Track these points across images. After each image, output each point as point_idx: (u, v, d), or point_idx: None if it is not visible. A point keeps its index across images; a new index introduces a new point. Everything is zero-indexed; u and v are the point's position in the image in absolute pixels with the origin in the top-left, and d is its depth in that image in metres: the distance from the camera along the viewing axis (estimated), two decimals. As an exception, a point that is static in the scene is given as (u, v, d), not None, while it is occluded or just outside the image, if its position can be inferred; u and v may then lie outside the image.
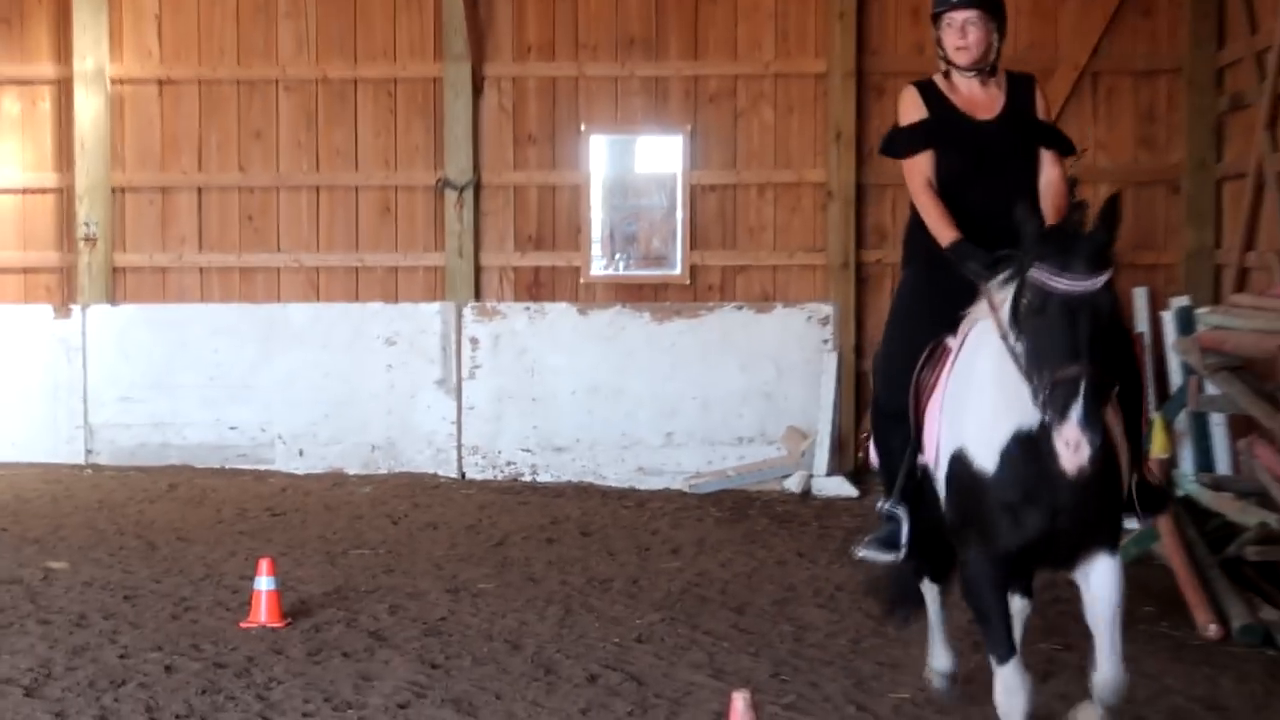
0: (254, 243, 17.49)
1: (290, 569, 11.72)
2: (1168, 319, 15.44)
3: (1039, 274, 6.46)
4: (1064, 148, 7.96)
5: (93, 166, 17.31)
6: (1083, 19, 16.64)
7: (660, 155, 17.31)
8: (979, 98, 7.88)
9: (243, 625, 10.36)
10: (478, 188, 17.20)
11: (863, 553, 7.97)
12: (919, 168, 7.80)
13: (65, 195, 17.52)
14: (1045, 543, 6.89)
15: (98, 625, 10.40)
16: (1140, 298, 16.16)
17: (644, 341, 16.83)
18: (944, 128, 7.80)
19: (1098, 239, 6.50)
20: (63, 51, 17.44)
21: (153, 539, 13.40)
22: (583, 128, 17.19)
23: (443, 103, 17.19)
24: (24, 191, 17.64)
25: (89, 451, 17.15)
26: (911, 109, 7.92)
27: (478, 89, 17.15)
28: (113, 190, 17.44)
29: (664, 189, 17.29)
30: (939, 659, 8.51)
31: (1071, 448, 6.27)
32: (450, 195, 17.13)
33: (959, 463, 7.04)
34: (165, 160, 17.54)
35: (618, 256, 17.34)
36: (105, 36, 17.32)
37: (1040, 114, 7.98)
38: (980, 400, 6.95)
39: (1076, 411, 6.26)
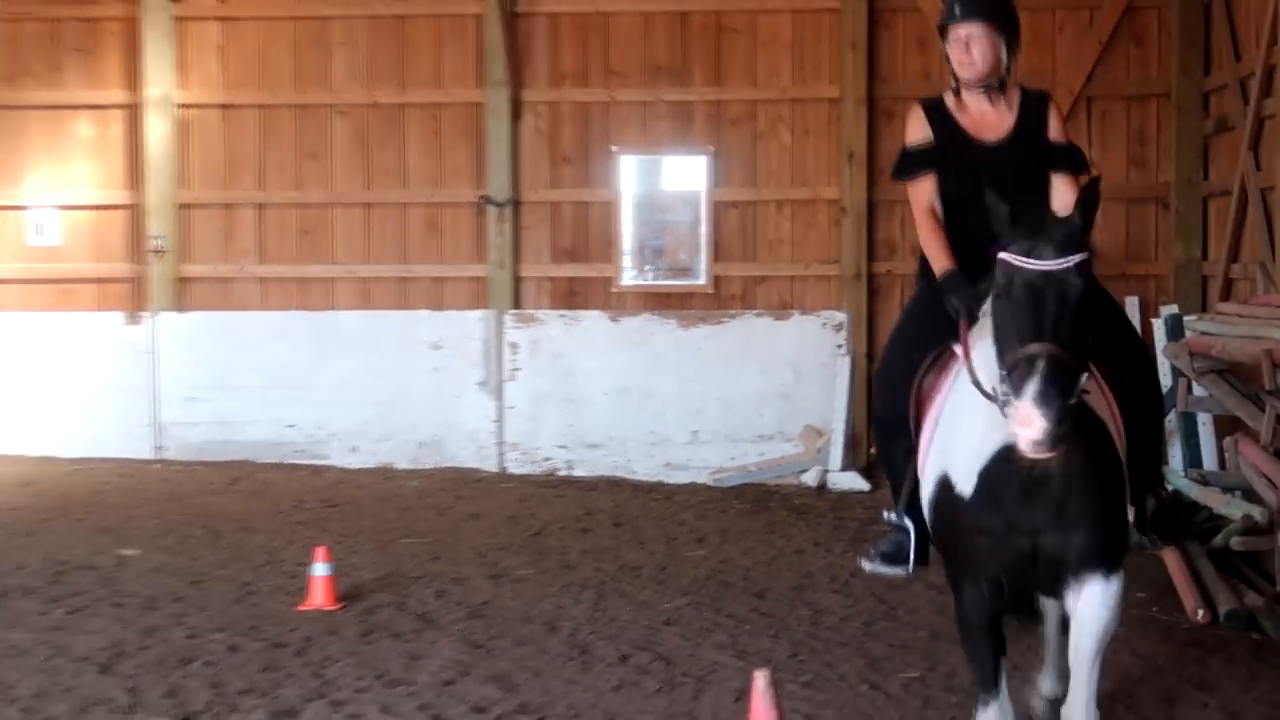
0: (310, 255, 17.49)
1: (344, 556, 11.71)
2: (1158, 326, 15.35)
3: (1008, 257, 5.84)
4: (1077, 167, 7.05)
5: (161, 185, 17.34)
6: (1078, 47, 16.60)
7: (685, 174, 17.29)
8: (988, 117, 7.08)
9: (300, 608, 10.38)
10: (517, 204, 17.20)
11: (870, 566, 7.13)
12: (921, 192, 7.06)
13: (136, 211, 17.54)
14: (1030, 566, 6.18)
15: (167, 608, 10.42)
16: (1132, 306, 16.10)
17: (671, 346, 16.81)
18: (948, 151, 7.03)
19: (1070, 223, 5.88)
20: (133, 79, 17.46)
21: (217, 528, 13.41)
22: (613, 149, 17.18)
23: (484, 126, 17.19)
24: (98, 208, 17.67)
25: (158, 447, 17.16)
26: (916, 129, 7.17)
27: (516, 113, 17.15)
28: (179, 207, 17.47)
29: (689, 205, 17.26)
30: (1047, 683, 7.58)
31: (1023, 424, 5.56)
32: (491, 211, 17.12)
33: (942, 487, 6.35)
34: (228, 179, 17.57)
35: (646, 268, 17.32)
36: (172, 65, 17.36)
37: (1054, 134, 7.08)
38: (968, 425, 6.23)
39: (1032, 389, 5.54)
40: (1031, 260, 5.76)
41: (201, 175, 17.54)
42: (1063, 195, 6.89)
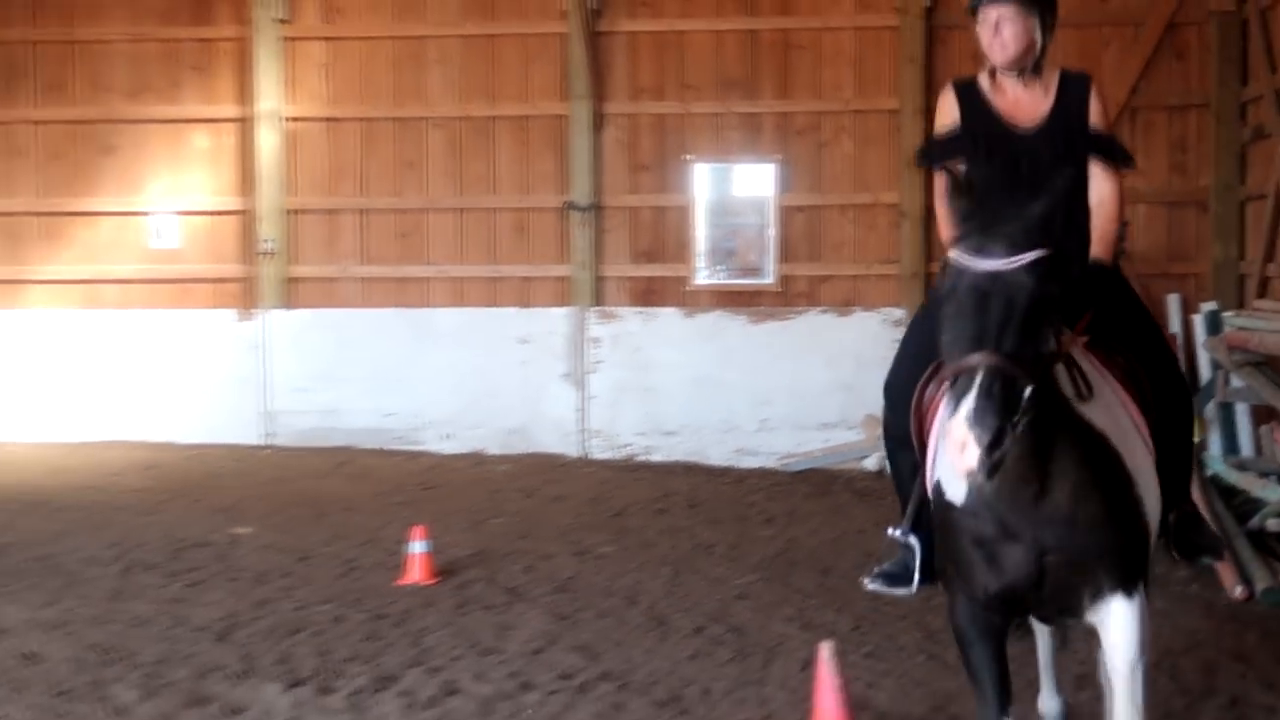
0: (407, 256, 17.56)
1: (440, 535, 11.71)
2: (1198, 321, 15.25)
3: (957, 255, 5.02)
4: (1119, 159, 6.04)
5: (270, 192, 17.45)
6: (1123, 61, 16.46)
7: (755, 181, 17.23)
8: (1023, 101, 6.14)
9: (399, 583, 10.43)
10: (598, 209, 17.20)
11: (872, 586, 6.24)
12: (945, 182, 5.91)
13: (248, 217, 17.64)
14: (1033, 586, 5.29)
15: (277, 582, 10.50)
16: (1173, 303, 15.96)
17: (741, 341, 16.79)
18: (977, 137, 6.10)
19: (1025, 216, 4.98)
20: (245, 95, 17.57)
21: (323, 509, 13.49)
22: (688, 157, 17.16)
23: (568, 137, 17.20)
24: (213, 213, 17.79)
25: (268, 434, 17.28)
26: (945, 111, 6.32)
27: (598, 125, 17.15)
28: (288, 212, 17.56)
29: (758, 210, 17.21)
30: (1046, 702, 6.89)
31: (957, 447, 4.71)
32: (575, 215, 17.14)
33: (937, 494, 5.48)
34: (332, 186, 17.65)
35: (718, 268, 17.29)
36: (281, 82, 17.46)
37: (1095, 119, 6.09)
38: None
39: (966, 406, 4.69)
40: (976, 259, 4.94)
41: (308, 183, 17.64)
42: (1099, 186, 6.00)
